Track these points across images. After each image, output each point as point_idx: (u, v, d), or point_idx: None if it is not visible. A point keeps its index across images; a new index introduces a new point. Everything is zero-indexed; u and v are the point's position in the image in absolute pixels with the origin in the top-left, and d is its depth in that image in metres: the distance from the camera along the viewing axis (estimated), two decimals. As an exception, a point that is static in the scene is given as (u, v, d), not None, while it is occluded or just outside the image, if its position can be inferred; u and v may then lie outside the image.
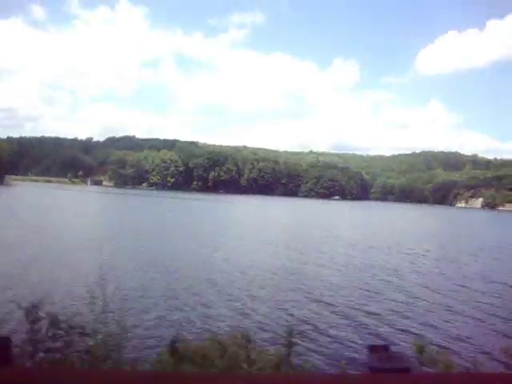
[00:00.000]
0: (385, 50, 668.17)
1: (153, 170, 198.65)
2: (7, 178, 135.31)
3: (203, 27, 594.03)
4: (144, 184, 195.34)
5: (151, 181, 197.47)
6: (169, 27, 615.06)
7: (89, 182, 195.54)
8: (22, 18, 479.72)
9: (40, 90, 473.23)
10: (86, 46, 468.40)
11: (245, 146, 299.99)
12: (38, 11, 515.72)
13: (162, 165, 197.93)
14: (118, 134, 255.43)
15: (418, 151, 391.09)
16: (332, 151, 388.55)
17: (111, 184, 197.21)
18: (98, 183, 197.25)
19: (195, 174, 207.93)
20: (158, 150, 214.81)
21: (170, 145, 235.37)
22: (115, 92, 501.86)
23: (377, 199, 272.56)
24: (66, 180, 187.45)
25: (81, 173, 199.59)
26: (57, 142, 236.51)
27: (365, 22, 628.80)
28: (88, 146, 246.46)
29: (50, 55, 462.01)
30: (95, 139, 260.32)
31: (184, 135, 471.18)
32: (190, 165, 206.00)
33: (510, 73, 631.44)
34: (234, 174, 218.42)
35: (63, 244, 28.20)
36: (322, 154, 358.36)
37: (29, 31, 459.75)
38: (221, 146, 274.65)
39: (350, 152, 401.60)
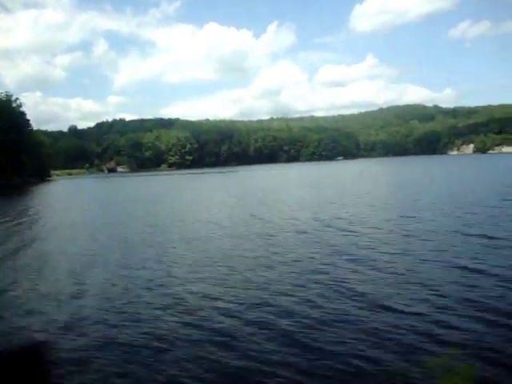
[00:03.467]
0: (318, 11, 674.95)
1: (169, 150, 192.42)
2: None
3: (133, 3, 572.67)
4: (163, 165, 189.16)
5: (170, 161, 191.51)
6: (97, 6, 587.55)
7: (105, 170, 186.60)
8: None
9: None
10: (6, 32, 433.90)
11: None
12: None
13: (179, 143, 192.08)
14: (49, 123, 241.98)
15: (384, 107, 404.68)
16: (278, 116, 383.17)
17: (127, 169, 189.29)
18: (113, 170, 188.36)
19: (206, 150, 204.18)
20: (160, 130, 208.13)
21: (168, 123, 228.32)
22: (44, 79, 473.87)
23: (362, 156, 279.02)
24: (84, 170, 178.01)
25: (97, 161, 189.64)
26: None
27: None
28: (75, 134, 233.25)
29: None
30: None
31: (126, 115, 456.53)
32: (201, 142, 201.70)
33: (440, 25, 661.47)
34: (242, 146, 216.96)
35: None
36: (282, 118, 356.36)
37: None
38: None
39: (292, 116, 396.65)
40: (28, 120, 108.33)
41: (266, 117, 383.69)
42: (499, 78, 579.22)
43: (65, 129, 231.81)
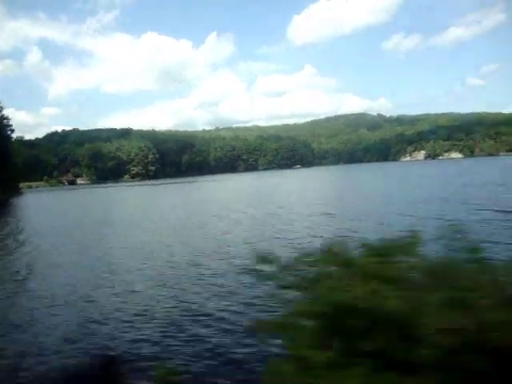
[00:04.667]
0: (257, 22, 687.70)
1: (132, 161, 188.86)
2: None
3: (68, 12, 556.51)
4: (126, 176, 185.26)
5: (132, 172, 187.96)
6: (30, 13, 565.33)
7: (65, 182, 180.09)
8: None
9: None
10: None
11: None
12: None
13: (141, 154, 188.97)
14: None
15: (332, 115, 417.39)
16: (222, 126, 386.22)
17: (87, 181, 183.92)
18: (73, 182, 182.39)
19: (167, 160, 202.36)
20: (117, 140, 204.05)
21: (124, 133, 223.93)
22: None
23: (316, 165, 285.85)
24: (43, 183, 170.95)
25: (56, 173, 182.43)
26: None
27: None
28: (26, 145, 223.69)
29: None
30: None
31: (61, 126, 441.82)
32: (162, 152, 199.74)
33: (375, 37, 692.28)
34: (203, 156, 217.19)
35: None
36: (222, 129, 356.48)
37: None
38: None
39: (232, 126, 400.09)
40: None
41: (207, 127, 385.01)
42: (431, 88, 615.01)
43: None
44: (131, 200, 67.60)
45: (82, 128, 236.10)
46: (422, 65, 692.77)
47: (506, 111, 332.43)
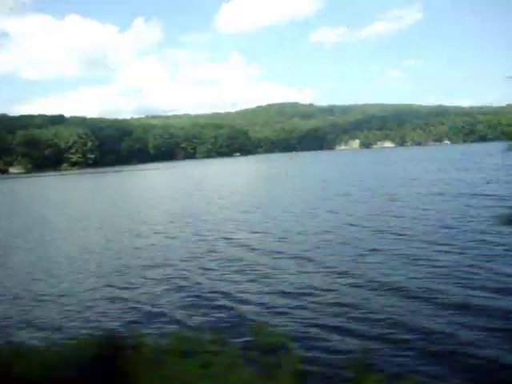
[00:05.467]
0: (185, 8, 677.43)
1: (70, 148, 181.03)
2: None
3: None
4: (65, 164, 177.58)
5: (71, 160, 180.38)
6: None
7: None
8: None
9: None
10: None
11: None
12: None
13: (80, 141, 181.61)
14: None
15: (263, 104, 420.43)
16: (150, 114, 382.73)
17: (21, 170, 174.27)
18: (5, 171, 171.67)
19: (106, 148, 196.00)
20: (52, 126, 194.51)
21: (56, 120, 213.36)
22: None
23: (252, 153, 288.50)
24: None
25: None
26: None
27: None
28: None
29: None
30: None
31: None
32: (101, 139, 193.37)
33: (302, 28, 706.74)
34: (143, 143, 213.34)
35: None
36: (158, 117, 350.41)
37: None
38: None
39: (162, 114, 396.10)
40: None
41: (134, 115, 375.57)
42: (357, 80, 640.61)
43: None
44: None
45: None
46: (347, 57, 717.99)
47: (427, 103, 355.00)
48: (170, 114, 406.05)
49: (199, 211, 30.31)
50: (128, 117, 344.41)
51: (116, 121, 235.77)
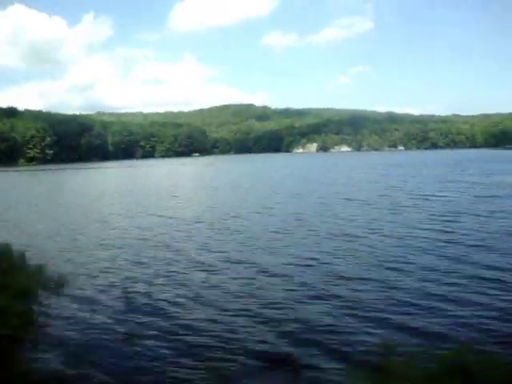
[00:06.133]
0: (138, 6, 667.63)
1: (27, 143, 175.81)
2: None
3: None
4: (21, 160, 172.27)
5: (28, 155, 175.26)
6: None
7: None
8: None
9: None
10: None
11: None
12: None
13: (38, 135, 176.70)
14: None
15: (218, 105, 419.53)
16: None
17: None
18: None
19: (64, 143, 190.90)
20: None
21: (9, 113, 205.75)
22: None
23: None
24: None
25: None
26: None
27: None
28: None
29: None
30: None
31: None
32: (60, 134, 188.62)
33: (255, 31, 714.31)
34: (102, 140, 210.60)
35: None
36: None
37: None
38: None
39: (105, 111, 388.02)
40: None
41: (79, 111, 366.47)
42: (309, 85, 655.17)
43: None
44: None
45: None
46: (299, 62, 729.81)
47: (379, 110, 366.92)
48: (123, 111, 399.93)
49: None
50: (77, 112, 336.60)
51: (75, 116, 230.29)
